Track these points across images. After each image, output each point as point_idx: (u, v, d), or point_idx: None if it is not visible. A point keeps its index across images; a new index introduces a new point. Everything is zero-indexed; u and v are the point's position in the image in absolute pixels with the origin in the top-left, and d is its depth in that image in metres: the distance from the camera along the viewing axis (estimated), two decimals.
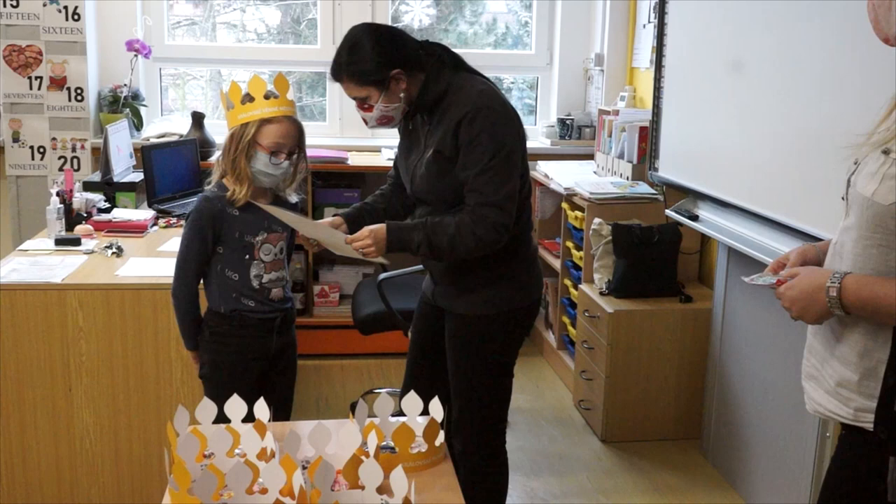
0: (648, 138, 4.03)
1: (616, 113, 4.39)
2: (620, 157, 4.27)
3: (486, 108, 2.31)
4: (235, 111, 2.42)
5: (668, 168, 3.77)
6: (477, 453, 2.56)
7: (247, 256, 2.49)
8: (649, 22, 4.39)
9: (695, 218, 3.46)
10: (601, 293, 3.79)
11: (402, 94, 2.38)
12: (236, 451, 1.82)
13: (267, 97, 2.41)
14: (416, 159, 2.47)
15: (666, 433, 3.73)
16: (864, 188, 1.49)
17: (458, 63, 2.45)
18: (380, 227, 2.36)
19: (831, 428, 2.68)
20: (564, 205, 4.28)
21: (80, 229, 3.39)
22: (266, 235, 2.50)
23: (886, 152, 1.46)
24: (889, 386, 1.47)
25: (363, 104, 2.40)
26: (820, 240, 2.40)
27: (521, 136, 2.41)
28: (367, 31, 2.39)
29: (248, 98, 2.41)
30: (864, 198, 1.49)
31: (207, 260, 2.50)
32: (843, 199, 1.61)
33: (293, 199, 2.58)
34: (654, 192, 3.96)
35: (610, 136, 4.40)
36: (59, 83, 4.39)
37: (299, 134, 2.48)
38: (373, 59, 2.34)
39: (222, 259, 2.48)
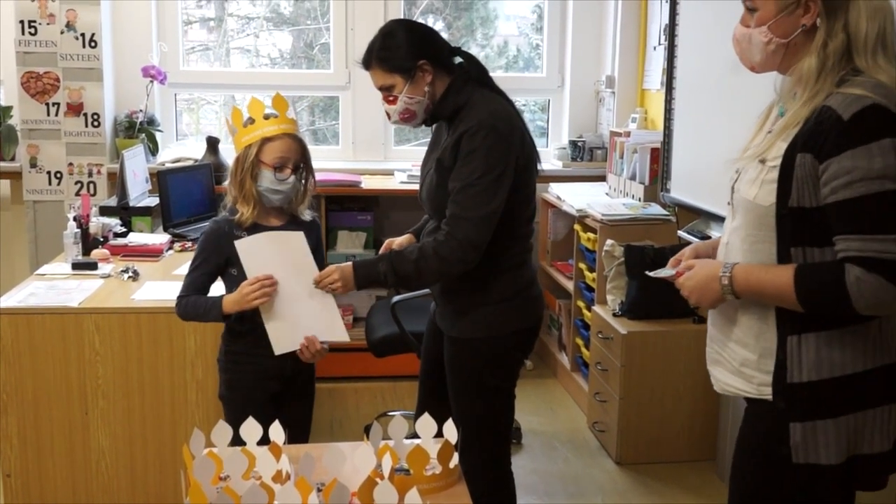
0: (660, 159, 4.04)
1: (627, 134, 4.41)
2: (632, 178, 4.28)
3: (489, 126, 2.34)
4: (239, 135, 2.45)
5: (680, 189, 3.77)
6: (481, 476, 2.54)
7: None
8: (660, 44, 4.41)
9: (707, 238, 3.46)
10: (614, 314, 3.79)
11: (426, 89, 2.43)
12: (252, 473, 1.83)
13: (266, 117, 2.43)
14: (430, 166, 2.52)
15: (681, 455, 3.72)
16: (747, 193, 1.74)
17: (483, 79, 2.49)
18: (347, 265, 2.43)
19: None
20: (577, 226, 4.29)
21: (96, 254, 3.43)
22: None
23: (762, 161, 1.72)
24: (780, 361, 1.71)
25: (388, 95, 2.46)
26: None
27: (519, 160, 2.40)
28: (402, 22, 2.55)
29: (250, 121, 2.44)
30: (747, 201, 1.74)
31: (211, 281, 2.52)
32: (728, 204, 1.85)
33: (307, 216, 2.58)
34: (666, 213, 3.96)
35: (622, 157, 4.41)
36: (75, 109, 4.44)
37: (302, 149, 2.49)
38: (403, 46, 2.42)
39: (236, 281, 2.49)
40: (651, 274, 1.99)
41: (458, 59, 2.52)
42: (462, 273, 2.39)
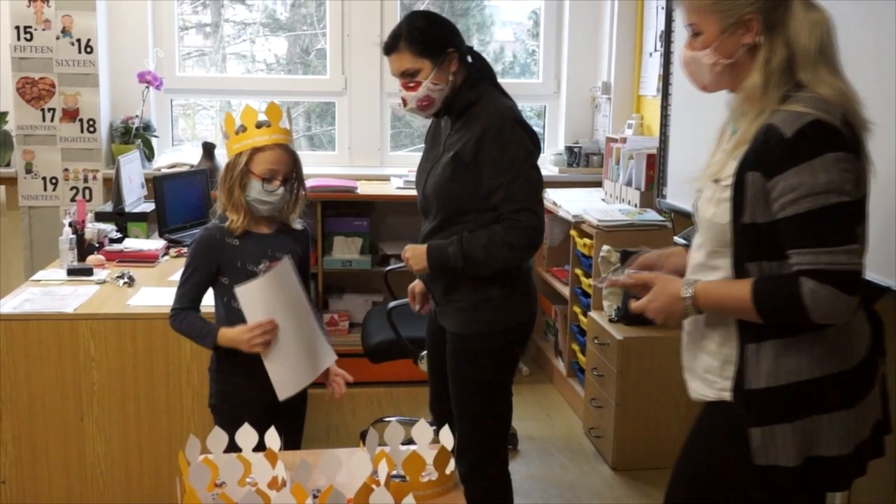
0: (656, 165, 4.04)
1: (623, 140, 4.42)
2: (628, 184, 4.28)
3: (512, 120, 2.47)
4: (231, 142, 2.41)
5: (676, 195, 3.78)
6: (478, 476, 2.58)
7: None
8: (655, 50, 4.42)
9: None
10: (610, 320, 3.79)
11: (450, 77, 2.51)
12: (248, 480, 1.83)
13: (259, 126, 2.39)
14: (432, 162, 2.57)
15: None
16: (706, 212, 1.81)
17: (493, 80, 2.61)
18: (420, 245, 2.55)
19: None
20: (573, 232, 4.29)
21: (92, 259, 3.42)
22: (268, 263, 2.46)
23: (717, 181, 1.78)
24: (739, 368, 1.78)
25: (410, 81, 2.51)
26: None
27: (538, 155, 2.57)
28: (429, 12, 2.66)
29: (241, 128, 2.40)
30: (705, 220, 1.82)
31: (203, 291, 2.49)
32: (693, 221, 1.93)
33: (297, 226, 2.56)
34: (662, 219, 3.97)
35: (618, 163, 4.42)
36: (71, 115, 4.43)
37: (293, 161, 2.45)
38: (435, 32, 2.52)
39: (228, 290, 2.45)
40: (595, 283, 2.08)
41: (469, 59, 2.60)
42: (531, 258, 2.51)
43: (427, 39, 2.49)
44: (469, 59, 2.59)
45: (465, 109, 2.51)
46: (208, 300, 2.51)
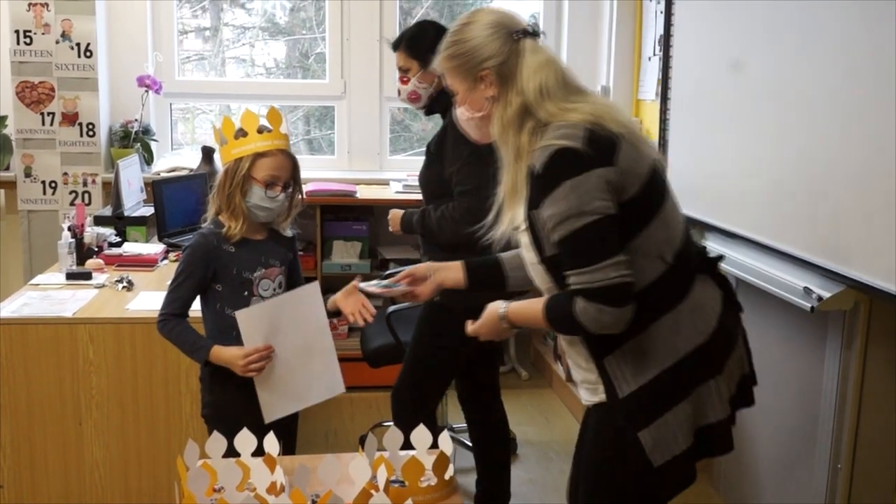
0: None
1: None
2: None
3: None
4: (229, 146, 2.38)
5: None
6: (409, 419, 2.70)
7: (245, 293, 2.43)
8: (654, 54, 4.42)
9: (703, 249, 3.45)
10: None
11: (435, 80, 2.97)
12: (246, 485, 1.82)
13: (260, 131, 2.37)
14: None
15: None
16: (524, 256, 1.97)
17: None
18: (399, 210, 3.12)
19: (843, 458, 2.67)
20: None
21: (90, 263, 3.42)
22: (263, 271, 2.46)
23: (518, 227, 1.91)
24: (607, 383, 1.85)
25: (404, 75, 3.03)
26: (830, 271, 2.45)
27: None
28: (435, 24, 3.11)
29: (242, 133, 2.37)
30: (527, 263, 1.97)
31: (194, 297, 2.46)
32: None
33: (288, 233, 2.54)
34: None
35: None
36: (70, 119, 4.44)
37: (293, 167, 2.44)
38: (428, 41, 2.86)
39: (221, 297, 2.43)
40: (364, 286, 2.31)
41: None
42: (472, 236, 2.61)
43: (419, 45, 2.94)
44: None
45: (446, 109, 2.91)
46: (194, 306, 2.48)
